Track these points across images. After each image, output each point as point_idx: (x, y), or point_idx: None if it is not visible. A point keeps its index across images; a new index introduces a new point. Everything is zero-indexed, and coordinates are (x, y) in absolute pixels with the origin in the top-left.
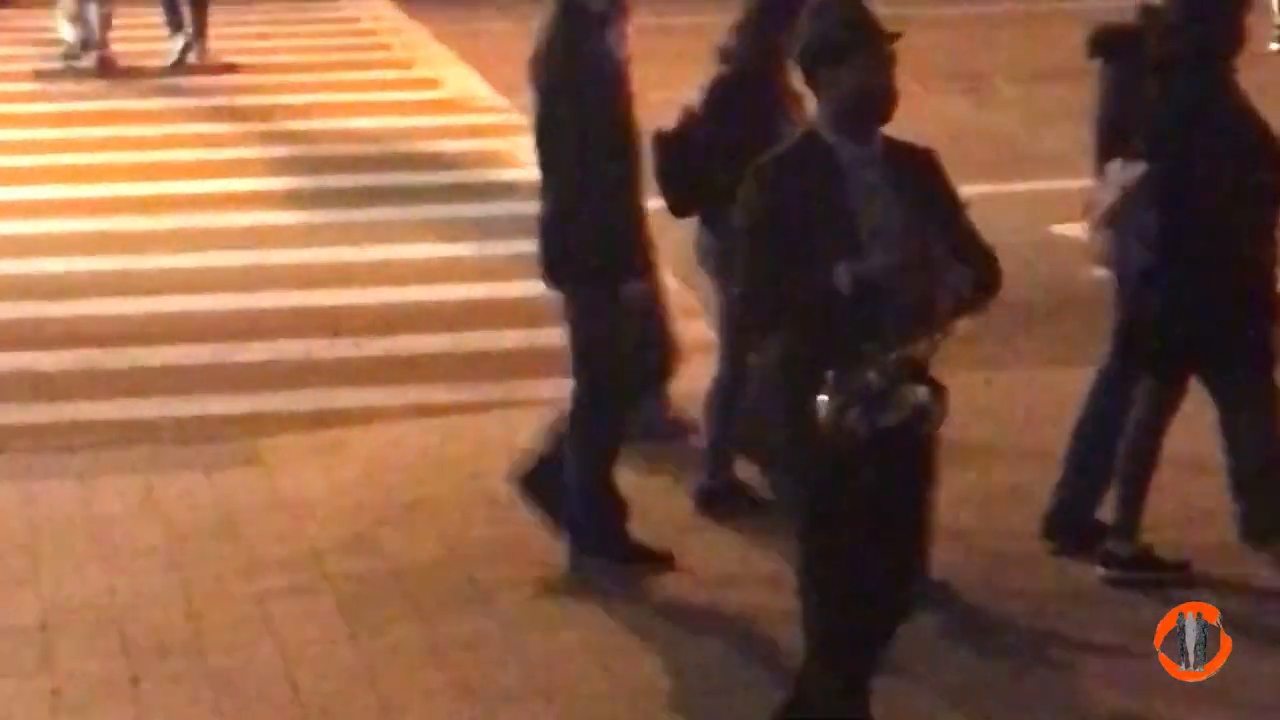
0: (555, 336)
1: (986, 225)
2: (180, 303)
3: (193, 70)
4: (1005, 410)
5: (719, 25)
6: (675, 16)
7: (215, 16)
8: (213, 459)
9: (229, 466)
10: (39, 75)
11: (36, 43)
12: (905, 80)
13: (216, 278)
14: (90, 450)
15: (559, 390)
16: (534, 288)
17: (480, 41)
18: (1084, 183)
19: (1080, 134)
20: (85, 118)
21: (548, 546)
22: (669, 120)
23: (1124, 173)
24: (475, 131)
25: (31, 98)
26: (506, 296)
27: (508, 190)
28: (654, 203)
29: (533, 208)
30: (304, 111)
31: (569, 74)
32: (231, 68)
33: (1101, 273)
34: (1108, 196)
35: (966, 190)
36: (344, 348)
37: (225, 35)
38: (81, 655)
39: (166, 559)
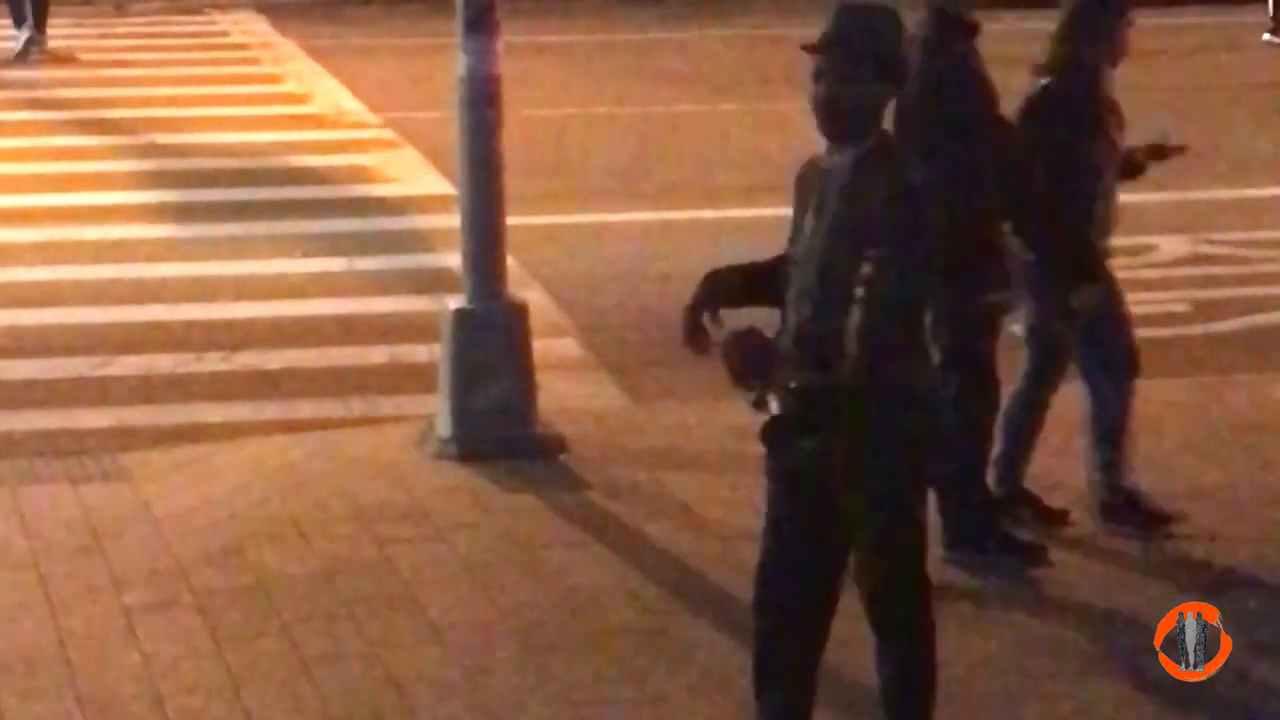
0: (419, 352)
1: None
2: (46, 316)
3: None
4: None
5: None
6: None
7: (86, 29)
8: (78, 473)
9: (95, 480)
10: None
11: None
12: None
13: (83, 291)
14: None
15: (423, 406)
16: (400, 303)
17: (351, 57)
18: None
19: None
20: None
21: (413, 562)
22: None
23: None
24: (344, 147)
25: None
26: (373, 312)
27: (377, 206)
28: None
29: (400, 223)
30: (173, 125)
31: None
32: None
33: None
34: None
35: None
36: (211, 362)
37: (96, 48)
38: None
39: (31, 572)
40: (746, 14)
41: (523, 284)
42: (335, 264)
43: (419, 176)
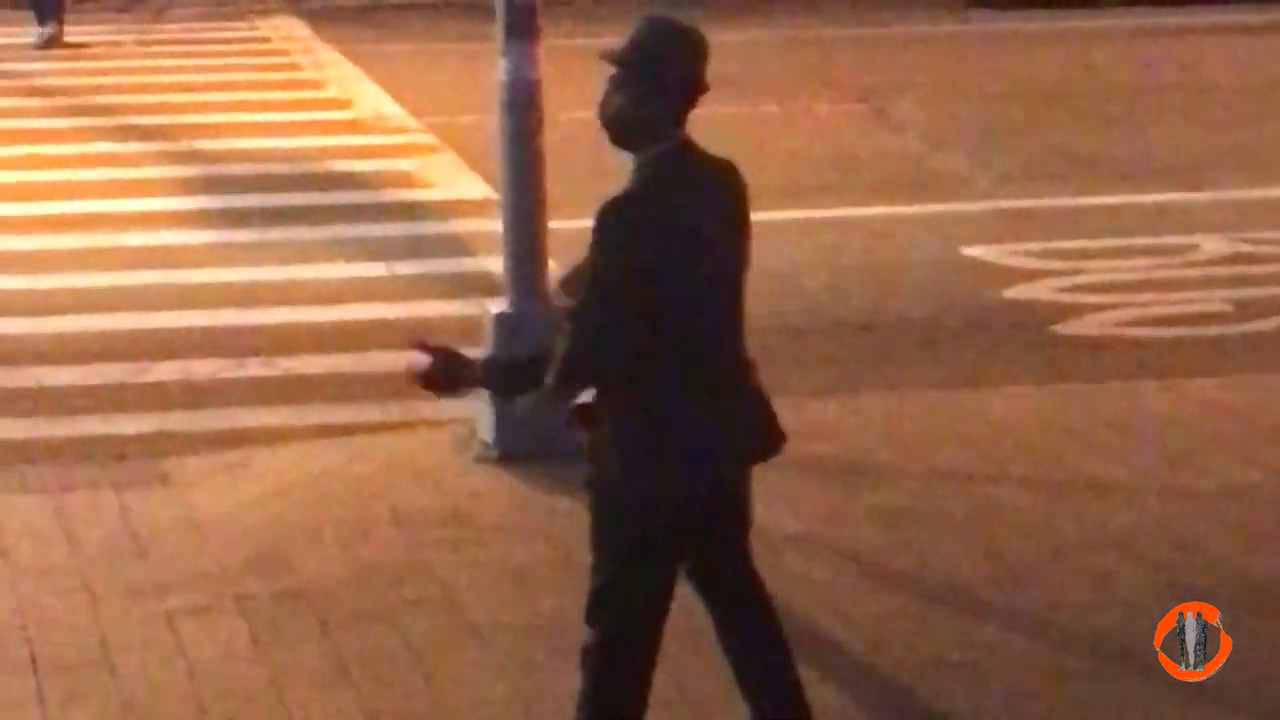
0: None
1: (894, 246)
2: (87, 322)
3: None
4: (911, 432)
5: None
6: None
7: (126, 34)
8: (121, 478)
9: (137, 486)
10: None
11: None
12: (811, 101)
13: (124, 297)
14: None
15: (463, 410)
16: (441, 308)
17: (392, 63)
18: (991, 204)
19: (984, 155)
20: None
21: (454, 566)
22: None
23: None
24: (385, 152)
25: None
26: (413, 316)
27: (416, 211)
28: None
29: (440, 228)
30: (214, 131)
31: None
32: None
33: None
34: None
35: (868, 211)
36: (252, 367)
37: (135, 54)
38: None
39: (74, 578)
40: (786, 15)
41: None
42: (376, 269)
43: (460, 181)
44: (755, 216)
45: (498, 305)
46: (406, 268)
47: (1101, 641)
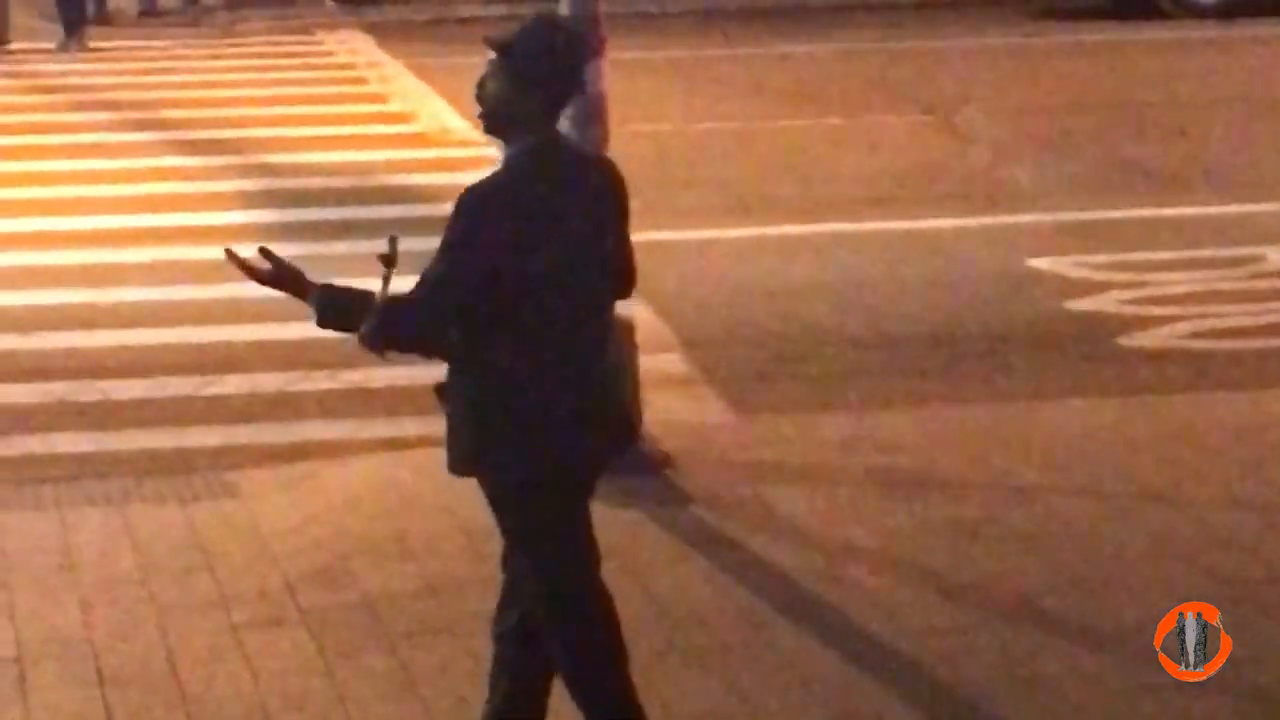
0: None
1: (961, 258)
2: (153, 336)
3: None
4: (977, 443)
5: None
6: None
7: (193, 50)
8: (187, 491)
9: (203, 499)
10: None
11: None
12: (878, 112)
13: (190, 311)
14: (64, 483)
15: None
16: None
17: (455, 76)
18: (1057, 215)
19: (1049, 167)
20: (56, 150)
21: None
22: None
23: None
24: (449, 165)
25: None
26: None
27: None
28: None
29: None
30: (279, 145)
31: None
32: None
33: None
34: None
35: (934, 223)
36: (318, 380)
37: (202, 69)
38: (56, 687)
39: (141, 591)
40: (851, 27)
41: (627, 300)
42: None
43: None
44: (819, 229)
45: None
46: None
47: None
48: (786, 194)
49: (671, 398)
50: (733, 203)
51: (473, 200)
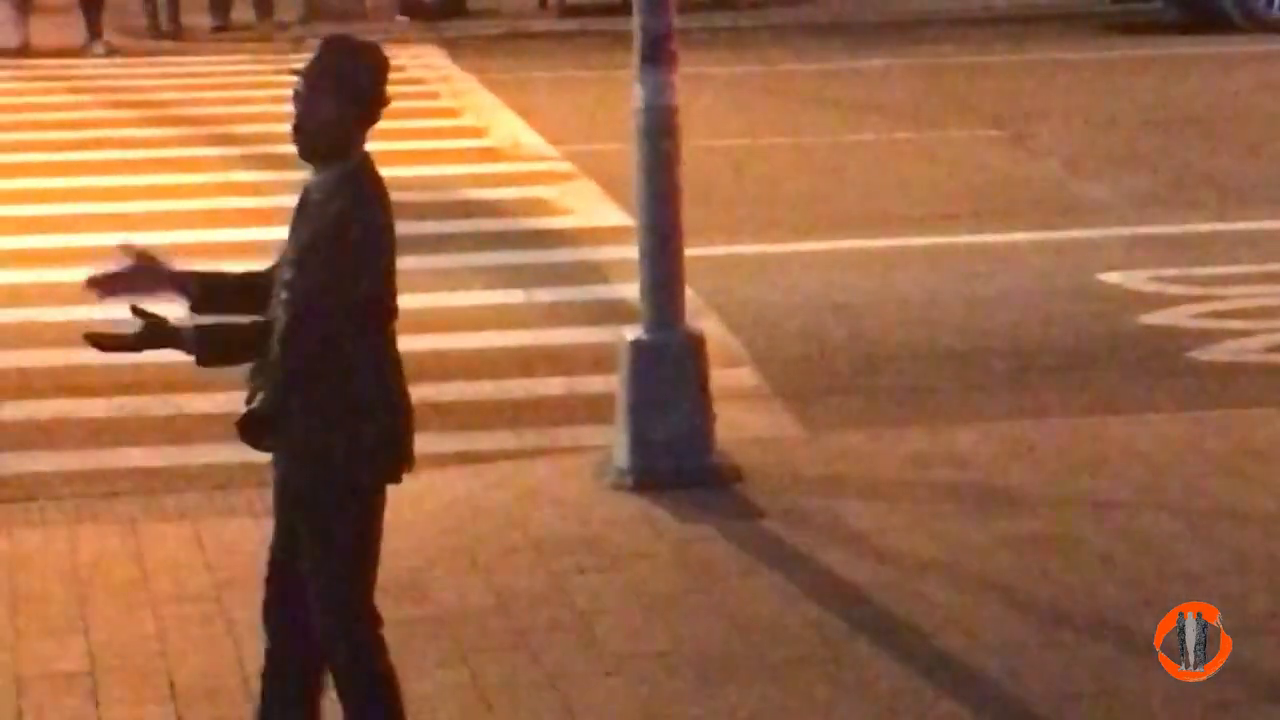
0: (596, 383)
1: (1031, 272)
2: None
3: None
4: (1048, 458)
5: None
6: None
7: (263, 64)
8: (259, 505)
9: None
10: None
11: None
12: (948, 127)
13: None
14: (137, 496)
15: (599, 437)
16: (577, 334)
17: (529, 91)
18: (1128, 230)
19: (1122, 180)
20: (130, 166)
21: (590, 593)
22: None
23: None
24: (521, 179)
25: (76, 146)
26: (550, 343)
27: (553, 238)
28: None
29: (577, 255)
30: None
31: None
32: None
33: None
34: None
35: (1005, 238)
36: None
37: (273, 83)
38: (129, 701)
39: (213, 605)
40: (923, 42)
41: (699, 314)
42: (513, 296)
43: (596, 208)
44: (890, 244)
45: (634, 332)
46: (544, 294)
47: (1245, 671)
48: (858, 209)
49: (742, 412)
50: (804, 217)
51: (355, 221)
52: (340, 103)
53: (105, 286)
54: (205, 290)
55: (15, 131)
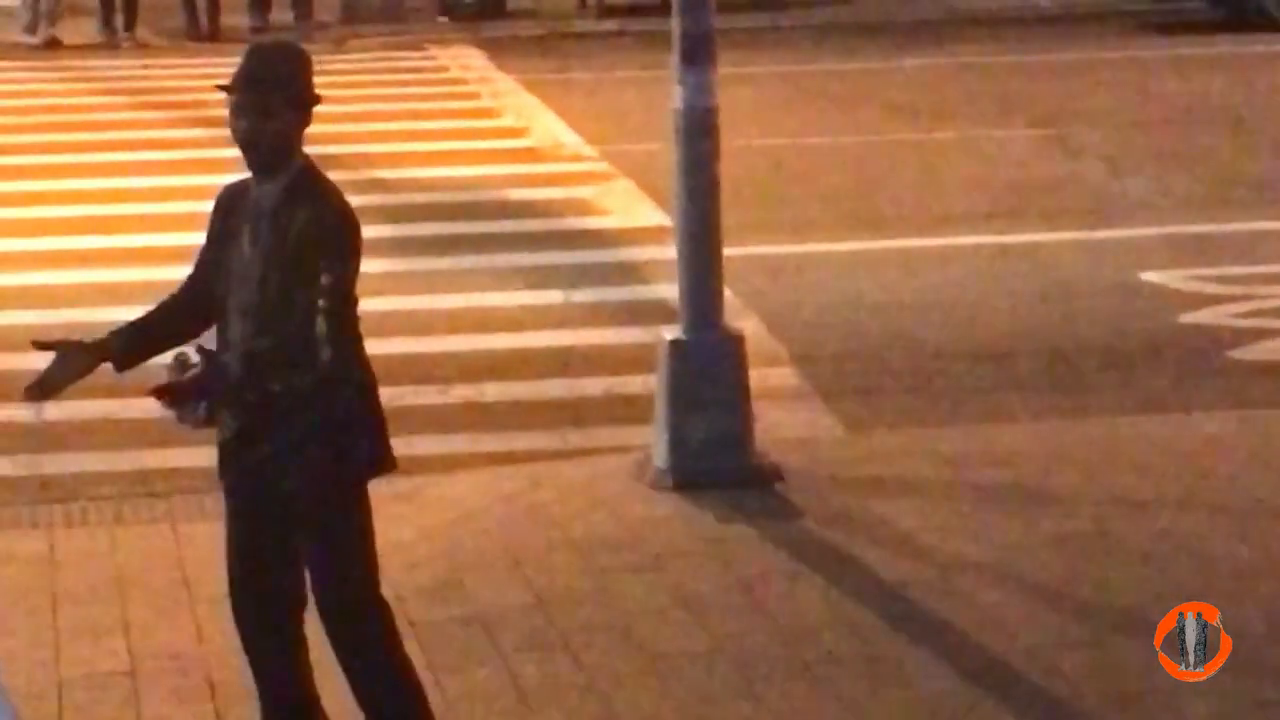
0: (635, 383)
1: (1072, 272)
2: None
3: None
4: (1089, 457)
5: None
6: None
7: None
8: None
9: None
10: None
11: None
12: (988, 126)
13: None
14: (178, 496)
15: (639, 436)
16: (616, 335)
17: (568, 91)
18: (1169, 229)
19: (1163, 180)
20: (168, 167)
21: (629, 593)
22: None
23: None
24: (562, 180)
25: (114, 147)
26: (589, 343)
27: (593, 238)
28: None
29: (616, 255)
30: (392, 160)
31: None
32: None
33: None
34: None
35: (1045, 237)
36: (429, 395)
37: (316, 84)
38: (169, 702)
39: None
40: (959, 41)
41: (738, 314)
42: (552, 296)
43: (635, 208)
44: (930, 243)
45: (673, 332)
46: (583, 295)
47: None
48: (898, 208)
49: (782, 412)
50: (844, 217)
51: (345, 223)
52: (291, 110)
53: (44, 393)
54: (127, 343)
55: (53, 133)
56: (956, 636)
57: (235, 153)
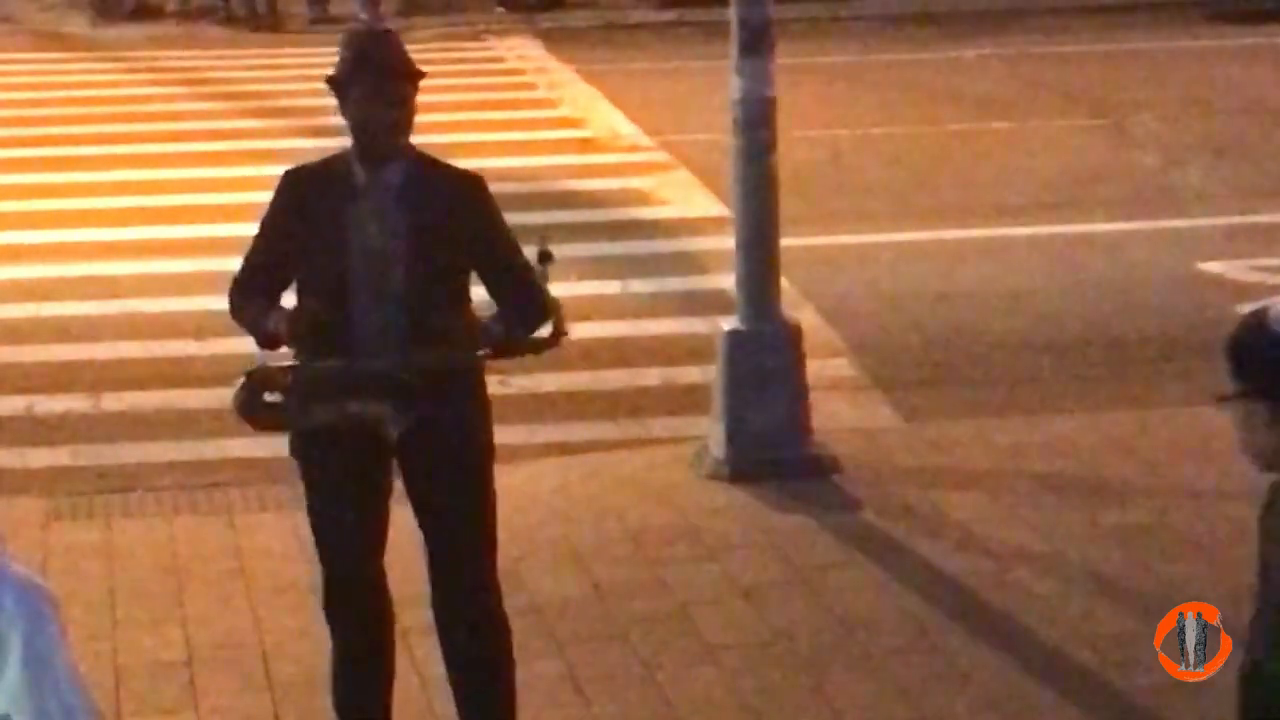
0: (693, 374)
1: (1131, 262)
2: None
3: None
4: (1148, 448)
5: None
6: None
7: None
8: None
9: None
10: None
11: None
12: (1047, 116)
13: None
14: (235, 487)
15: (696, 427)
16: (673, 325)
17: (625, 82)
18: (1229, 219)
19: (1222, 170)
20: (226, 157)
21: (686, 583)
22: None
23: None
24: (619, 170)
25: (171, 137)
26: (646, 334)
27: (651, 228)
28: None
29: (674, 245)
30: (449, 151)
31: None
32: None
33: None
34: None
35: (1105, 227)
36: (488, 386)
37: None
38: (227, 691)
39: (311, 596)
40: (1018, 31)
41: (796, 304)
42: (610, 286)
43: (693, 199)
44: (988, 234)
45: (730, 322)
46: (641, 285)
47: None
48: (955, 198)
49: (839, 403)
50: (901, 207)
51: (487, 189)
52: (413, 96)
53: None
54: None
55: (111, 124)
56: (1014, 627)
57: (295, 143)
